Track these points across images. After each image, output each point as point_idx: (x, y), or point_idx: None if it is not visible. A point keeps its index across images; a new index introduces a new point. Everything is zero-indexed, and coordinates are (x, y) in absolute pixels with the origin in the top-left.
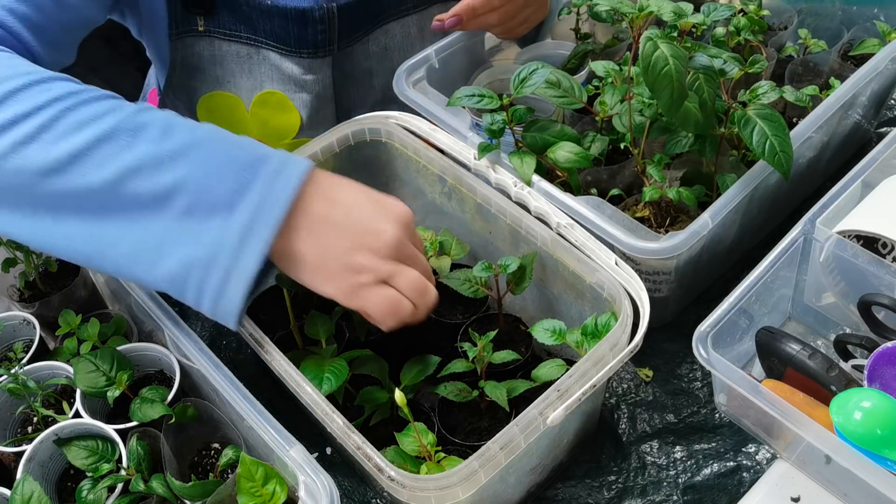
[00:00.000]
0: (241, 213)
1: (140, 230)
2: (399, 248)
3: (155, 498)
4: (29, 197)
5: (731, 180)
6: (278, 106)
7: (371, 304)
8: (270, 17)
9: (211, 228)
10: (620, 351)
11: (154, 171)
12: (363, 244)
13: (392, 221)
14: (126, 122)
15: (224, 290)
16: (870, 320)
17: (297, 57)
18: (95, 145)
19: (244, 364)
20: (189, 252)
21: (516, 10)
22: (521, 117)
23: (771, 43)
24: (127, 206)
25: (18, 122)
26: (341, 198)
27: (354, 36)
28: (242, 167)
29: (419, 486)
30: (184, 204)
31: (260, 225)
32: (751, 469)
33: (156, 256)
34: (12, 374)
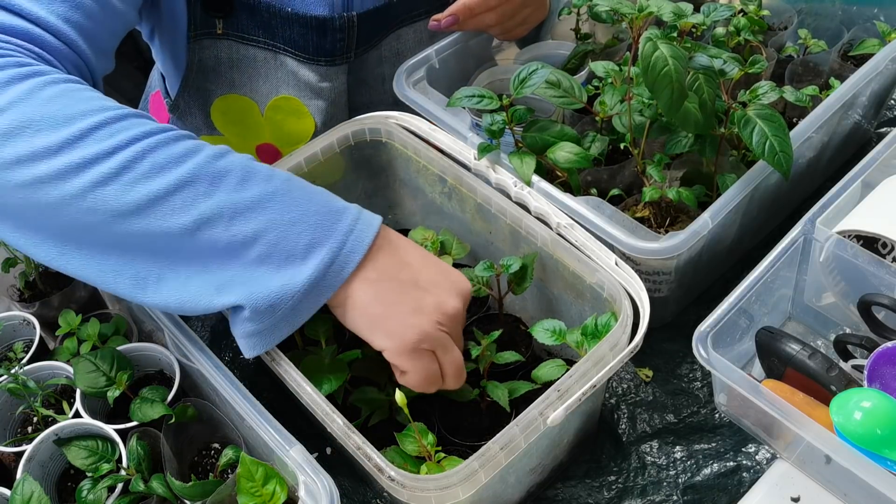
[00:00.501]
0: (313, 269)
1: (209, 275)
2: (456, 323)
3: (155, 498)
4: (101, 236)
5: (731, 180)
6: (293, 111)
7: (417, 370)
8: (290, 24)
9: (282, 276)
10: (620, 351)
11: (232, 221)
12: (428, 310)
13: (457, 295)
14: (206, 167)
15: (272, 332)
16: (870, 320)
17: (314, 64)
18: (175, 191)
19: (244, 364)
20: (252, 291)
21: (514, 10)
22: (521, 117)
23: (771, 43)
24: (201, 252)
25: (99, 161)
26: (410, 260)
27: (370, 43)
28: (319, 222)
29: (419, 486)
30: (258, 253)
31: (328, 281)
32: (751, 469)
33: (218, 294)
34: (12, 374)
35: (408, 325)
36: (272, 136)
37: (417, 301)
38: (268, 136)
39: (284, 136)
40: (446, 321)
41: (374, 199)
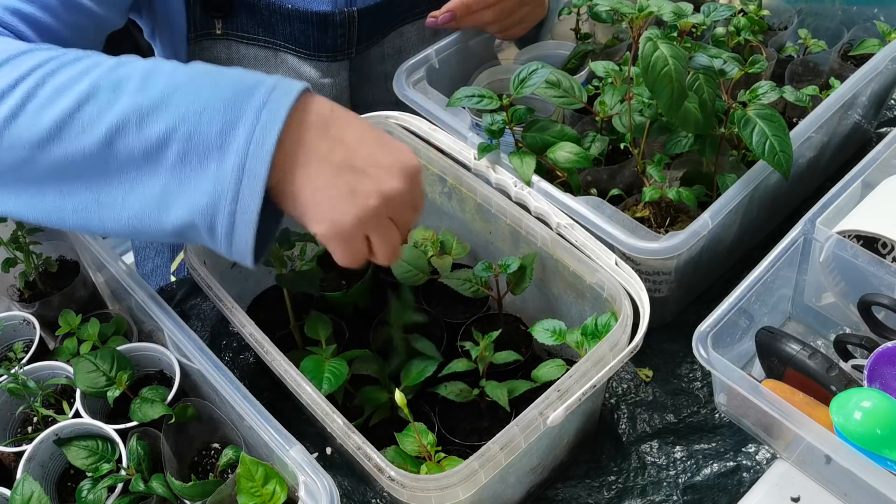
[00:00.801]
0: (233, 154)
1: (142, 187)
2: (398, 205)
3: (155, 498)
4: (31, 174)
5: (731, 180)
6: None
7: (344, 252)
8: (290, 21)
9: (208, 173)
10: (620, 351)
11: (140, 125)
12: (364, 194)
13: (399, 174)
14: (106, 76)
15: (232, 233)
16: (870, 320)
17: (315, 60)
18: (80, 107)
19: (244, 364)
20: (191, 201)
21: (511, 7)
22: (521, 117)
23: (771, 43)
24: (124, 165)
25: (4, 97)
26: (344, 136)
27: (372, 39)
28: (228, 104)
29: (419, 486)
30: (176, 153)
31: (252, 163)
32: (751, 469)
33: (162, 211)
34: (12, 374)
35: (340, 209)
36: None
37: (351, 185)
38: None
39: None
40: (386, 204)
41: None
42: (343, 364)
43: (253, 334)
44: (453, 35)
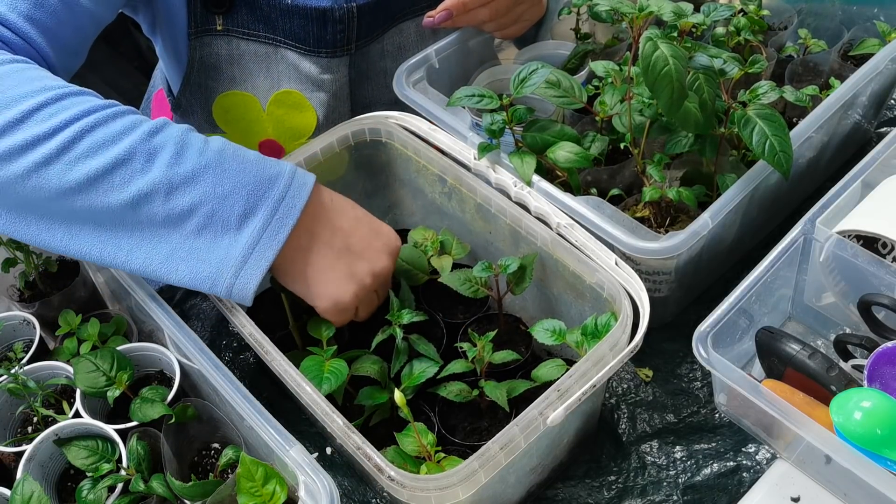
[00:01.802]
0: (247, 237)
1: (152, 245)
2: (384, 279)
3: (155, 498)
4: (46, 211)
5: (731, 180)
6: (295, 105)
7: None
8: (290, 16)
9: (218, 249)
10: (620, 351)
11: (168, 196)
12: (360, 275)
13: (387, 255)
14: (143, 144)
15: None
16: (870, 320)
17: (315, 56)
18: (113, 169)
19: (244, 364)
20: (196, 268)
21: (507, 6)
22: (521, 117)
23: (771, 43)
24: (142, 224)
25: (39, 144)
26: (342, 224)
27: (372, 35)
28: (251, 192)
29: (419, 486)
30: (195, 225)
31: (263, 247)
32: (751, 469)
33: (167, 267)
34: (12, 374)
35: (342, 290)
36: (274, 131)
37: (350, 266)
38: (270, 132)
39: (287, 131)
40: (375, 281)
41: (374, 199)
42: (343, 364)
43: (253, 334)
44: (453, 35)
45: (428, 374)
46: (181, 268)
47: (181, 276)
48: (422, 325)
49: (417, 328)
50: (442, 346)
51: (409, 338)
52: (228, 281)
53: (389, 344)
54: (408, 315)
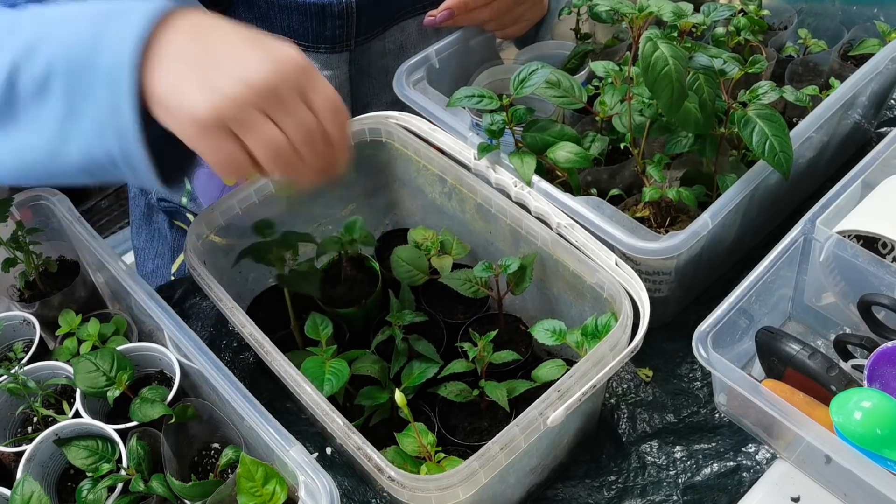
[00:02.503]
0: (104, 69)
1: (41, 124)
2: (268, 98)
3: (155, 498)
4: None
5: (731, 180)
6: None
7: (209, 153)
8: (289, 13)
9: (91, 97)
10: (620, 351)
11: (27, 65)
12: (219, 83)
13: (270, 66)
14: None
15: (128, 154)
16: (870, 320)
17: (314, 52)
18: None
19: (244, 364)
20: (83, 128)
21: (508, 6)
22: (521, 117)
23: (771, 43)
24: (26, 105)
25: None
26: (217, 39)
27: (372, 32)
28: (97, 21)
29: (419, 486)
30: (62, 85)
31: (119, 71)
32: (751, 469)
33: (63, 145)
34: (12, 374)
35: (193, 101)
36: None
37: (208, 76)
38: None
39: None
40: (252, 95)
41: (374, 199)
42: (344, 364)
43: (253, 334)
44: (454, 35)
45: (428, 374)
46: (74, 135)
47: (79, 144)
48: (422, 326)
49: (417, 328)
50: (442, 346)
51: (409, 338)
52: (111, 122)
53: (389, 344)
54: (408, 315)
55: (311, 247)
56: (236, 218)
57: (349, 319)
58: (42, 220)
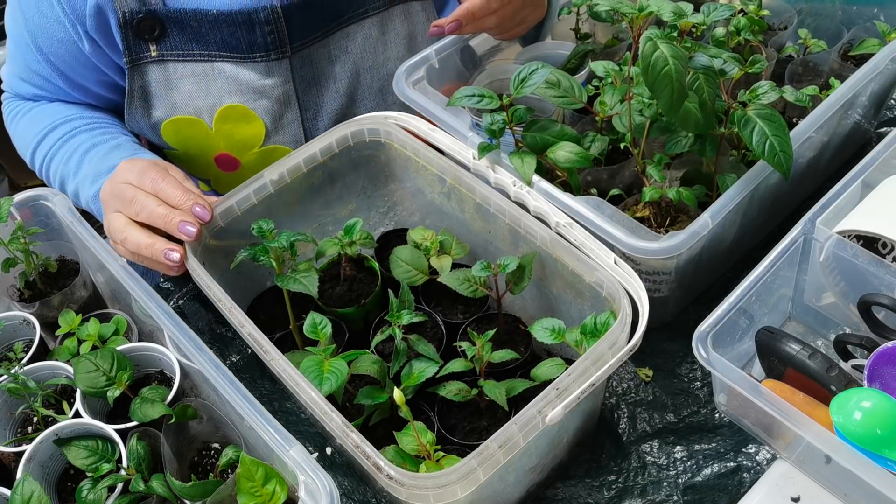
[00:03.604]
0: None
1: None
2: (121, 196)
3: (155, 498)
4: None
5: (731, 180)
6: (241, 118)
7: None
8: (219, 25)
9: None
10: (619, 350)
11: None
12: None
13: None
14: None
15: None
16: (870, 320)
17: (251, 62)
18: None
19: (244, 364)
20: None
21: (514, 11)
22: (521, 117)
23: (771, 43)
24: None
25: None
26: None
27: (310, 37)
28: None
29: (418, 484)
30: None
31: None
32: (751, 469)
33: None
34: (12, 374)
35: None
36: (226, 145)
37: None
38: (222, 147)
39: (238, 144)
40: (117, 202)
41: (374, 199)
42: (343, 364)
43: (252, 334)
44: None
45: (427, 374)
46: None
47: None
48: (421, 325)
49: (417, 328)
50: (441, 345)
51: (409, 338)
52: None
53: (389, 344)
54: (407, 315)
55: (311, 247)
56: (236, 219)
57: (348, 319)
58: (42, 220)
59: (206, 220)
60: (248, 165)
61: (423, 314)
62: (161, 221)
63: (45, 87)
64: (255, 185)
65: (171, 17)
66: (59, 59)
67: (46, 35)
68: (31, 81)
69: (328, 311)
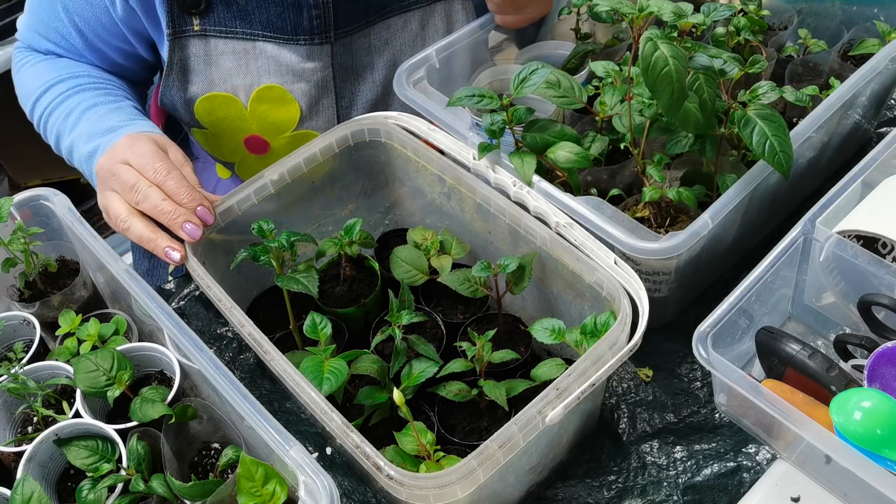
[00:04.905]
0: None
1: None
2: (121, 179)
3: (155, 498)
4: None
5: (731, 180)
6: (277, 100)
7: (104, 207)
8: (266, 6)
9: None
10: (619, 350)
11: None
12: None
13: (112, 161)
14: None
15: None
16: (870, 320)
17: (294, 45)
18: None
19: (244, 364)
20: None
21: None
22: (521, 117)
23: (771, 43)
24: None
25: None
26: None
27: (354, 25)
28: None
29: (417, 484)
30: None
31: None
32: (751, 469)
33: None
34: (12, 374)
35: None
36: (258, 127)
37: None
38: (254, 128)
39: (270, 127)
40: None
41: (374, 199)
42: (343, 364)
43: (252, 334)
44: (453, 35)
45: (427, 374)
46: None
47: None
48: (421, 325)
49: (417, 328)
50: (441, 346)
51: (409, 338)
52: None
53: (389, 344)
54: (407, 315)
55: (311, 247)
56: (236, 219)
57: (348, 319)
58: (42, 220)
59: (209, 223)
60: (277, 150)
61: (423, 314)
62: (165, 218)
63: (61, 43)
64: (255, 185)
65: None
66: (83, 19)
67: None
68: (48, 36)
69: (328, 311)
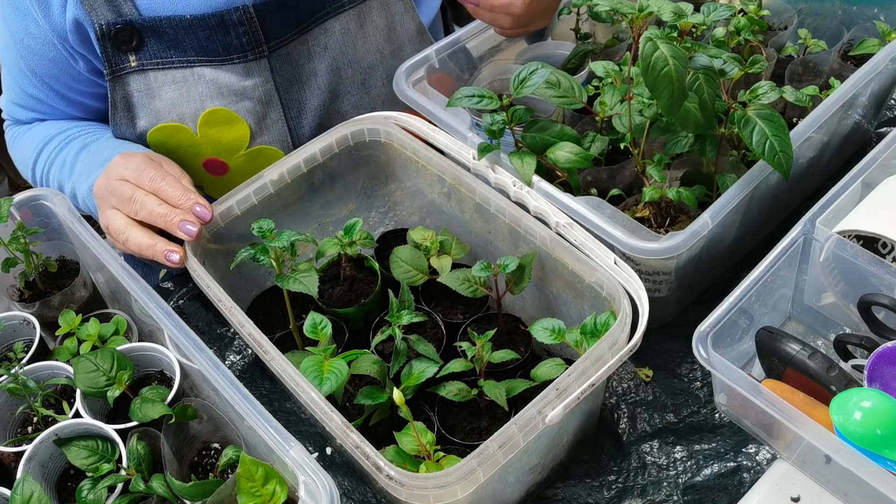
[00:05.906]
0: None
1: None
2: (118, 194)
3: (155, 498)
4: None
5: (731, 180)
6: (224, 121)
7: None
8: (194, 30)
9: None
10: (619, 350)
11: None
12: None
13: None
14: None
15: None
16: (870, 320)
17: (230, 64)
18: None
19: (244, 364)
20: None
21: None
22: (521, 117)
23: (771, 43)
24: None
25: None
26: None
27: (287, 35)
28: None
29: (418, 484)
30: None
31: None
32: (751, 469)
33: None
34: (12, 374)
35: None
36: (213, 150)
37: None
38: (209, 151)
39: (224, 147)
40: (114, 200)
41: (374, 199)
42: (343, 364)
43: (252, 334)
44: (452, 35)
45: (427, 374)
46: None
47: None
48: (421, 325)
49: (417, 328)
50: (441, 346)
51: (409, 338)
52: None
53: (389, 344)
54: (407, 315)
55: (311, 247)
56: (236, 219)
57: (348, 319)
58: (42, 220)
59: (206, 220)
60: (236, 169)
61: (423, 314)
62: (161, 221)
63: (43, 109)
64: (255, 185)
65: (148, 26)
66: (54, 78)
67: (38, 57)
68: (29, 106)
69: (328, 311)
